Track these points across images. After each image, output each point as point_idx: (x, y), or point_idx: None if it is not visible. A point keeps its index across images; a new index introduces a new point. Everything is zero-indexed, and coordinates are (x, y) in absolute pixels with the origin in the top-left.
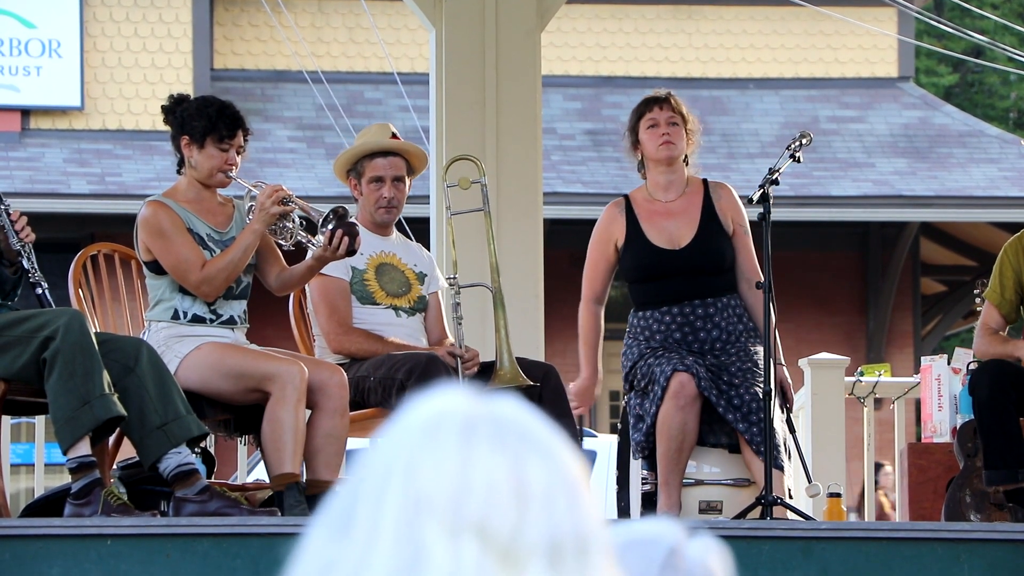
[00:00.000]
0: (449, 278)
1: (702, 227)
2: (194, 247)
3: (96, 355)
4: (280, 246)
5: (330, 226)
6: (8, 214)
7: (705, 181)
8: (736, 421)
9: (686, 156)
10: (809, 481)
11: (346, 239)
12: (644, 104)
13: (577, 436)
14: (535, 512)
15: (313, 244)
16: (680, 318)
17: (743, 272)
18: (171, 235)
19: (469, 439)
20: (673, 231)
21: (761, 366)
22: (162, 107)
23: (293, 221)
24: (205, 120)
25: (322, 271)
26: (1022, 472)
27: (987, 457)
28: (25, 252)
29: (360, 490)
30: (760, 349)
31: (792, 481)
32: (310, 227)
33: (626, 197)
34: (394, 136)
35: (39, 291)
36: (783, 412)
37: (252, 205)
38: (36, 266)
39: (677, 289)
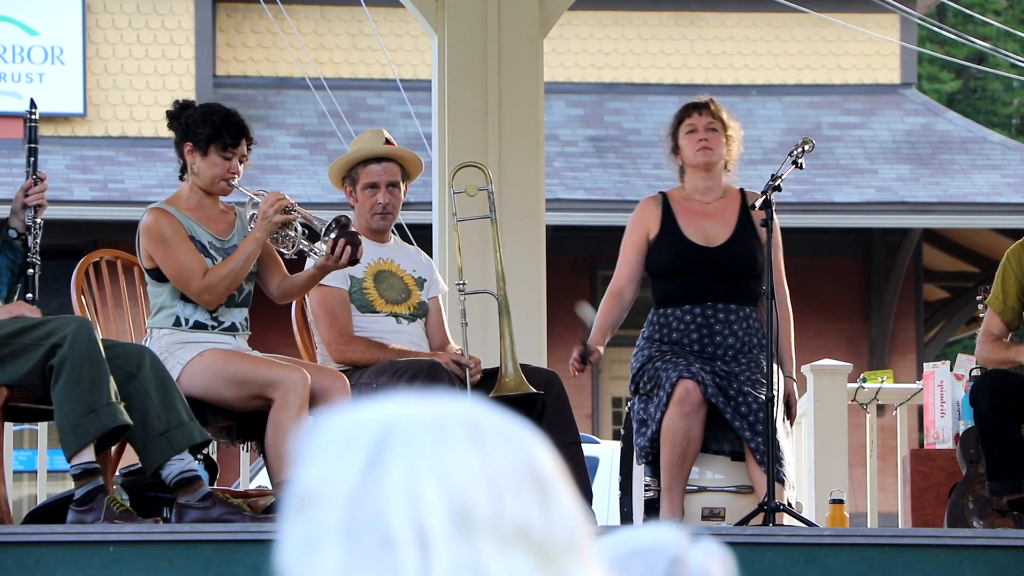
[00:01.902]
0: (458, 284)
1: (738, 229)
2: (196, 255)
3: (104, 364)
4: (282, 254)
5: (332, 235)
6: (37, 178)
7: (742, 191)
8: (743, 429)
9: (726, 163)
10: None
11: (348, 248)
12: (684, 110)
13: (579, 443)
14: (555, 506)
15: (315, 253)
16: (700, 319)
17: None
18: (173, 243)
19: (480, 438)
20: (709, 229)
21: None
22: (167, 112)
23: (295, 230)
24: (209, 127)
25: (320, 281)
26: None
27: (990, 468)
28: (34, 229)
29: (380, 503)
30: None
31: (794, 497)
32: (312, 235)
33: (663, 194)
34: (388, 142)
35: (30, 271)
36: (784, 424)
37: (254, 213)
38: (37, 249)
39: (704, 288)
